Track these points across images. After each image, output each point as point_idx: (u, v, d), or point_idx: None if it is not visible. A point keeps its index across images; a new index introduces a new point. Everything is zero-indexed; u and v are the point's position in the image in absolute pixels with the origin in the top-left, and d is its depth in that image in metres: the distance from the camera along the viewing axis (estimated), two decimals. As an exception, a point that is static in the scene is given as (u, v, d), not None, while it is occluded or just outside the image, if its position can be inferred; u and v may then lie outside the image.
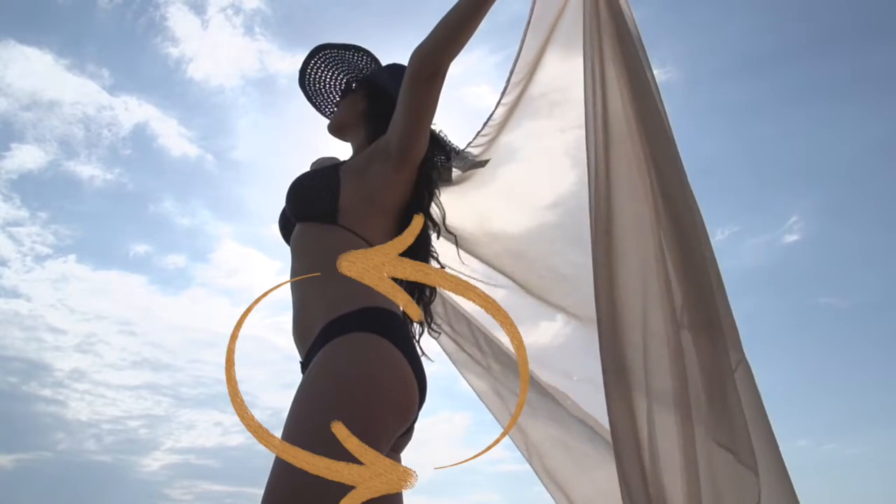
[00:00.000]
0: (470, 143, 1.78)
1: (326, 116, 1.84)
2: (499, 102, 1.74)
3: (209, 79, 8.06)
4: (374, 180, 1.43)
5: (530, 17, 1.65)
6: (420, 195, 1.54)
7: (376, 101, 1.63)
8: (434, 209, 1.66)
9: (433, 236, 1.69)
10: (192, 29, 7.88)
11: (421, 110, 1.40)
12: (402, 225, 1.51)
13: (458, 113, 1.89)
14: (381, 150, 1.46)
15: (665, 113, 1.42)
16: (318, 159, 1.77)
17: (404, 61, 1.65)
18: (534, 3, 1.66)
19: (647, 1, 1.47)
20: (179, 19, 7.72)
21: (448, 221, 1.74)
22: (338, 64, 1.72)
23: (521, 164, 1.79)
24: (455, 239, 1.72)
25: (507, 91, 1.73)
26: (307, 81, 1.75)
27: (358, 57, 1.70)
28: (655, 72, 1.51)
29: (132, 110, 8.05)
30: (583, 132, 1.50)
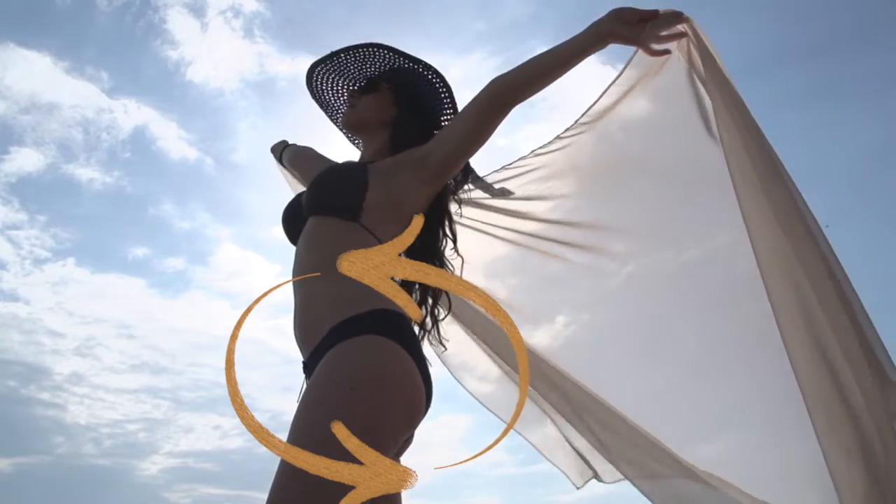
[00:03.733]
0: (507, 166, 1.77)
1: (332, 108, 1.83)
2: (558, 136, 1.71)
3: (208, 81, 8.07)
4: (400, 187, 1.43)
5: (621, 72, 1.59)
6: (437, 209, 1.57)
7: (409, 111, 1.62)
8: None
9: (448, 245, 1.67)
10: (192, 32, 7.89)
11: (480, 135, 1.44)
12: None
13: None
14: (417, 160, 1.46)
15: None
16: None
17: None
18: (629, 62, 1.58)
19: (646, 4, 1.46)
20: (179, 22, 7.72)
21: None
22: (363, 61, 1.69)
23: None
24: (462, 261, 1.69)
25: (570, 128, 1.70)
26: (328, 69, 1.72)
27: (391, 57, 1.66)
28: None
29: (131, 113, 8.05)
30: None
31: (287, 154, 2.04)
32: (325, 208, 1.40)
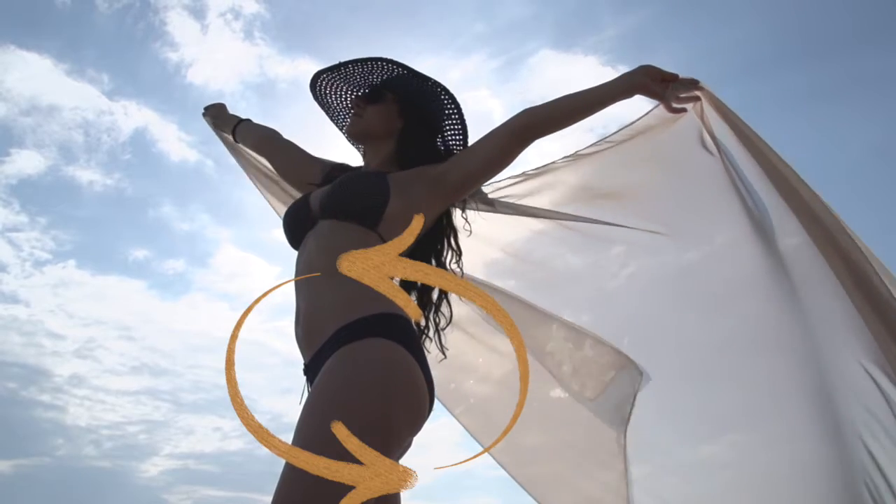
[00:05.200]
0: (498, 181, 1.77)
1: (334, 110, 1.82)
2: (562, 158, 1.73)
3: (209, 83, 8.06)
4: (415, 200, 1.44)
5: (637, 120, 1.66)
6: (443, 222, 1.61)
7: (415, 124, 1.63)
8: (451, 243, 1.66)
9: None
10: (192, 33, 7.90)
11: (500, 162, 1.52)
12: (417, 246, 1.57)
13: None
14: (433, 177, 1.49)
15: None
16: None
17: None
18: (648, 112, 1.65)
19: (646, 5, 1.48)
20: (179, 24, 7.73)
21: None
22: (369, 71, 1.68)
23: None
24: (462, 273, 1.68)
25: (571, 155, 1.73)
26: (334, 76, 1.72)
27: (398, 70, 1.64)
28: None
29: (131, 115, 8.05)
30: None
31: (250, 136, 1.97)
32: (346, 213, 1.40)
